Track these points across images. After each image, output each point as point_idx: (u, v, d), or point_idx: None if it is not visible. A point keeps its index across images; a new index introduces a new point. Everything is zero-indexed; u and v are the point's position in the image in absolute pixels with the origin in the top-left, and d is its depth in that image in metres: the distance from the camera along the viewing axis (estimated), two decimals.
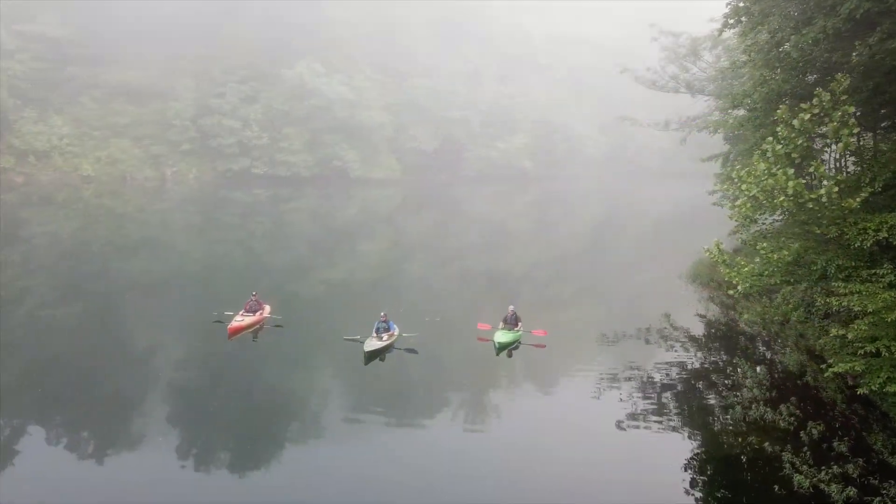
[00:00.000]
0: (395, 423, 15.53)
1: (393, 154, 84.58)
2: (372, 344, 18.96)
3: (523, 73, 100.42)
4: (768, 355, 19.59)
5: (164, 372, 18.75)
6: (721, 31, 20.99)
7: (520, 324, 20.97)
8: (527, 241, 49.32)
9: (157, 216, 54.34)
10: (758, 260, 15.69)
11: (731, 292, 16.51)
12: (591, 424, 15.70)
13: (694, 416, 15.83)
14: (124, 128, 74.23)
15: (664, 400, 16.76)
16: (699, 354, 20.80)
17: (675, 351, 20.94)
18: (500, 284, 32.94)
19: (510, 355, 19.98)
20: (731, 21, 19.40)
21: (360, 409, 16.39)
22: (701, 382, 18.14)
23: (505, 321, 20.95)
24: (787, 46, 17.06)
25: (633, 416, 15.72)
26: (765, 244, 15.46)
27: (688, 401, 16.88)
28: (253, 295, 22.14)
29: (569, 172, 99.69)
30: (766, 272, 15.68)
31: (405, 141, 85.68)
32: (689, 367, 19.48)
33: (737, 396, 16.06)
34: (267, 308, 22.43)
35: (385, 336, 19.49)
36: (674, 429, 15.20)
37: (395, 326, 20.16)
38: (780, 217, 17.42)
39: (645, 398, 16.76)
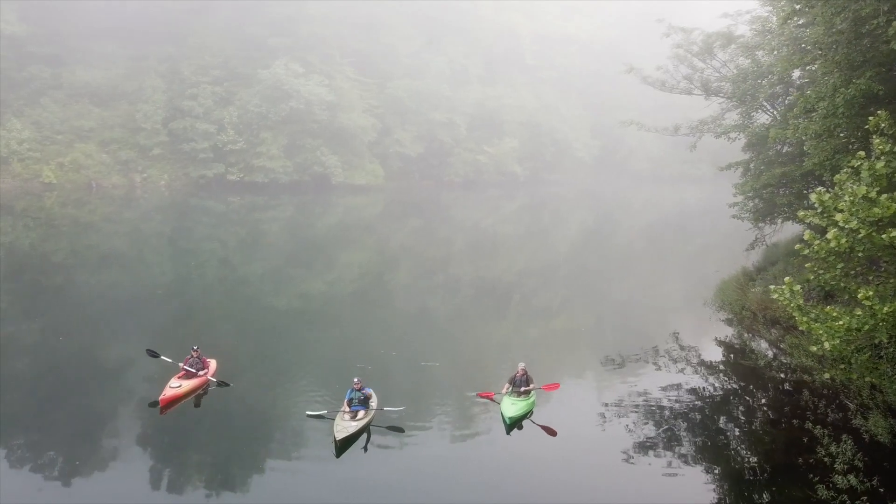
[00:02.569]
0: None
1: (376, 159, 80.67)
2: (344, 427, 14.59)
3: (511, 73, 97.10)
4: (843, 415, 16.04)
5: (128, 393, 17.62)
6: (785, 20, 17.50)
7: (532, 385, 16.49)
8: (523, 251, 46.95)
9: (125, 226, 51.27)
10: (858, 312, 12.14)
11: (813, 349, 12.90)
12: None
13: None
14: (89, 131, 69.52)
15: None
16: (758, 416, 17.30)
17: (715, 403, 17.45)
18: (496, 303, 30.68)
19: (520, 427, 15.86)
20: (799, 6, 15.85)
21: None
22: (767, 454, 14.62)
23: (513, 383, 16.39)
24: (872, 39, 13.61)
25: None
26: (870, 291, 11.87)
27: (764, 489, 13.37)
28: (193, 350, 17.66)
29: (559, 177, 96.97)
30: (867, 326, 12.17)
31: (389, 145, 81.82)
32: (749, 433, 16.01)
33: (829, 486, 12.49)
34: (212, 365, 18.06)
35: (361, 412, 15.12)
36: None
37: (372, 397, 15.78)
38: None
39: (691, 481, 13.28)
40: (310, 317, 27.23)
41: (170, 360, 17.58)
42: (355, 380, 15.63)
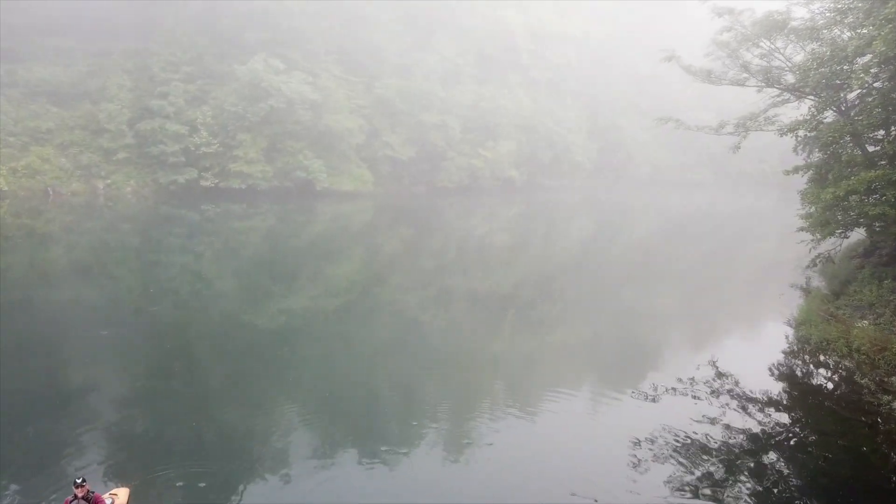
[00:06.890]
0: None
1: (364, 163, 75.06)
2: None
3: (506, 73, 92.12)
4: None
5: (86, 421, 15.99)
6: None
7: None
8: (526, 263, 43.70)
9: (87, 237, 46.65)
10: None
11: None
12: None
13: None
14: (46, 133, 62.99)
15: None
16: None
17: None
18: (505, 323, 28.07)
19: None
20: None
21: None
22: None
23: None
24: None
25: None
26: None
27: None
28: (77, 487, 10.77)
29: (557, 182, 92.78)
30: None
31: (378, 148, 76.15)
32: None
33: None
34: (119, 498, 11.64)
35: None
36: None
37: None
38: None
39: None
40: (292, 344, 23.89)
41: None
42: None
